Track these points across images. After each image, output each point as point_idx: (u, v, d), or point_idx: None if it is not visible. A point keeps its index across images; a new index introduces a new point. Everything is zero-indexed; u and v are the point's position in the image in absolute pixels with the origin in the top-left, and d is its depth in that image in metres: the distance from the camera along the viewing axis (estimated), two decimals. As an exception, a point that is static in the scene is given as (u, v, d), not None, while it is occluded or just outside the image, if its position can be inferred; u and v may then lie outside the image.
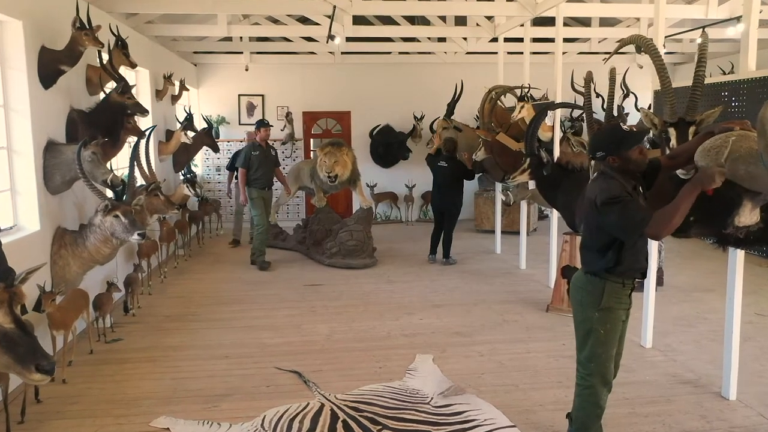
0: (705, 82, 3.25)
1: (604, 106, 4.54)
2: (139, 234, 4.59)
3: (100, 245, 4.62)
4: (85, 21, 4.62)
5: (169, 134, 8.18)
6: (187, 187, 7.96)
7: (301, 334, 5.12)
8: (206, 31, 8.06)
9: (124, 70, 7.01)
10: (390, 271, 7.32)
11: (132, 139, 5.73)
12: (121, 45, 5.46)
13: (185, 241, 8.21)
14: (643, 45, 3.31)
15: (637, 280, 2.94)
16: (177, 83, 8.69)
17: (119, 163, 6.13)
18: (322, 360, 4.53)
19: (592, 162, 4.02)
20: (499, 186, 8.16)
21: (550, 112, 5.96)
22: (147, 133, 5.76)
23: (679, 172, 3.13)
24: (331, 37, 7.23)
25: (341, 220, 8.03)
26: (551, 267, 6.45)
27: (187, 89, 8.83)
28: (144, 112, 5.22)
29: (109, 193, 4.67)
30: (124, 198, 4.64)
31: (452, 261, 7.65)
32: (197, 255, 8.43)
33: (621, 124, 4.85)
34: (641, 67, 11.11)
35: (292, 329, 5.25)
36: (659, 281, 6.30)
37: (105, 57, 5.08)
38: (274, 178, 7.82)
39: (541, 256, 7.70)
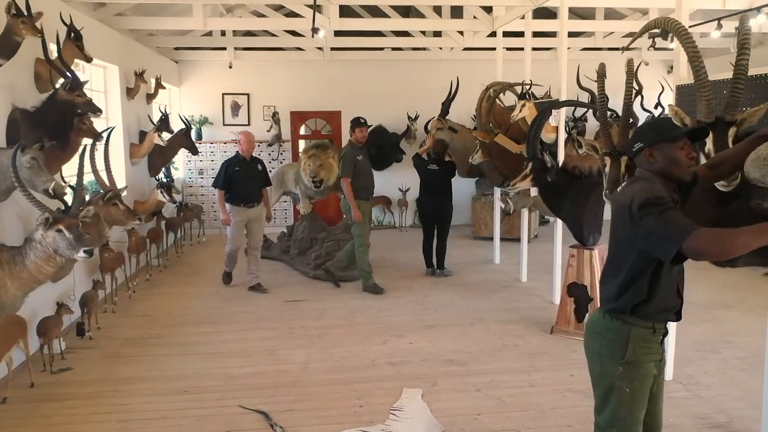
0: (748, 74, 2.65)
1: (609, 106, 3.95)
2: (85, 251, 3.99)
3: (41, 264, 4.01)
4: (23, 7, 4.03)
5: (143, 136, 7.59)
6: (162, 192, 7.38)
7: (274, 362, 4.53)
8: (182, 24, 7.48)
9: (90, 67, 6.51)
10: (379, 284, 6.72)
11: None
12: (74, 36, 4.87)
13: (159, 252, 7.62)
14: (672, 28, 2.73)
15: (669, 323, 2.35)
16: (153, 81, 8.11)
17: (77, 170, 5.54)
18: (295, 396, 3.94)
19: (607, 166, 3.43)
20: (497, 191, 7.57)
21: (554, 111, 5.38)
22: (105, 135, 5.16)
23: (719, 184, 2.55)
24: (315, 30, 6.64)
25: (328, 229, 7.43)
26: (555, 281, 5.87)
27: (164, 87, 8.24)
28: (96, 111, 4.63)
29: (60, 204, 4.09)
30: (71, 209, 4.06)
31: (447, 272, 7.07)
32: (174, 265, 7.84)
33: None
34: (647, 64, 10.54)
35: (264, 356, 4.66)
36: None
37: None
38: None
39: (543, 267, 7.12)
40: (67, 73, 4.48)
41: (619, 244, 2.25)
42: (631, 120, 4.01)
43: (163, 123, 7.65)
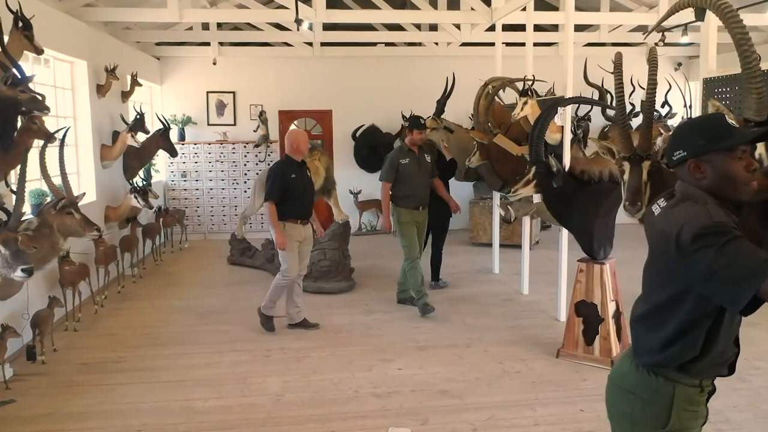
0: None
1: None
2: (23, 270, 3.52)
3: (-24, 283, 3.52)
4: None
5: (117, 136, 7.06)
6: (136, 197, 6.87)
7: (244, 393, 4.00)
8: (155, 16, 6.94)
9: (56, 62, 5.98)
10: (369, 297, 6.21)
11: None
12: (22, 26, 4.34)
13: (134, 261, 7.09)
14: (714, 6, 2.20)
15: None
16: (129, 78, 7.59)
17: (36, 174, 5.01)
18: (264, 437, 3.43)
19: (626, 172, 2.91)
20: (496, 196, 7.06)
21: (560, 109, 4.86)
22: (60, 135, 4.63)
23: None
24: (298, 21, 6.12)
25: (315, 237, 6.89)
26: (560, 295, 5.36)
27: (140, 84, 7.70)
28: (43, 109, 4.11)
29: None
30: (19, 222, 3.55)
31: (442, 284, 6.55)
32: (151, 275, 7.31)
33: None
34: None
35: (234, 385, 4.13)
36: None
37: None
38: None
39: (546, 277, 6.61)
40: (13, 66, 3.96)
41: (661, 284, 1.72)
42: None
43: (138, 123, 7.14)
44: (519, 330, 5.17)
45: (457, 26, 8.27)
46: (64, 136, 4.64)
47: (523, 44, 6.48)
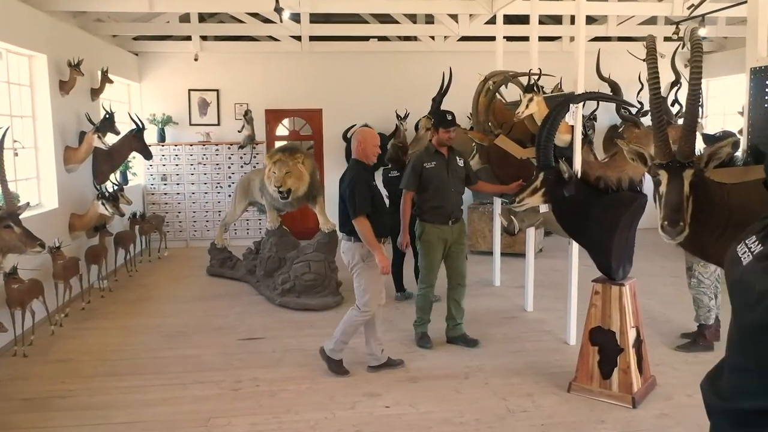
0: None
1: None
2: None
3: None
4: None
5: (83, 138, 6.47)
6: (103, 204, 6.29)
7: (204, 440, 3.43)
8: (122, 6, 6.36)
9: (9, 55, 5.39)
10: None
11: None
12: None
13: (103, 273, 6.50)
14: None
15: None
16: (99, 74, 7.00)
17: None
18: (221, 501, 2.85)
19: (663, 183, 2.34)
20: (497, 202, 6.48)
21: (572, 107, 4.27)
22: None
23: None
24: (278, 9, 5.54)
25: (298, 246, 6.32)
26: (570, 314, 4.78)
27: (111, 81, 7.11)
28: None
29: None
30: None
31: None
32: (122, 288, 6.73)
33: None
34: (662, 56, 9.44)
35: (193, 429, 3.54)
36: (716, 335, 4.65)
37: None
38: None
39: (552, 291, 6.07)
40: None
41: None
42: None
43: (107, 123, 6.56)
44: (524, 355, 4.59)
45: (455, 18, 7.70)
46: (3, 138, 4.06)
47: (525, 39, 5.90)
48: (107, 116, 6.58)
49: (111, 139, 6.74)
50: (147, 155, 7.17)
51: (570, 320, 4.80)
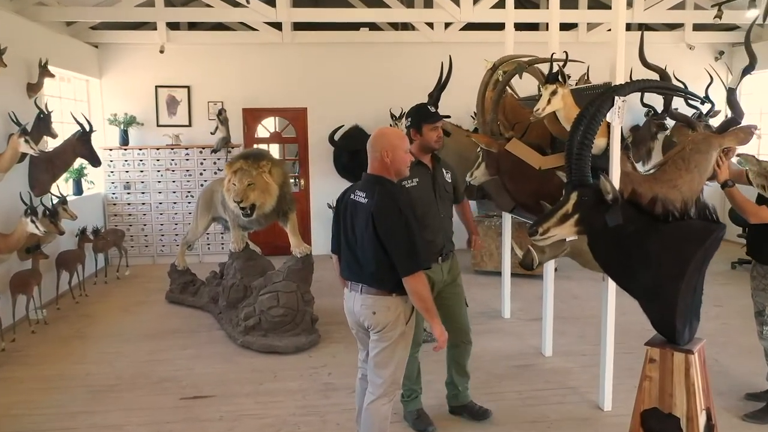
0: None
1: None
2: None
3: None
4: None
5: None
6: (33, 221, 5.22)
7: None
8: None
9: None
10: (334, 361, 4.54)
11: None
12: None
13: (34, 304, 5.44)
14: None
15: None
16: (38, 67, 5.95)
17: None
18: None
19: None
20: (507, 217, 5.41)
21: (618, 100, 3.15)
22: None
23: None
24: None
25: (266, 273, 5.24)
26: (605, 375, 3.68)
27: (52, 75, 6.06)
28: None
29: None
30: None
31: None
32: (61, 320, 5.68)
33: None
34: (692, 48, 8.39)
35: None
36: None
37: None
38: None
39: (573, 326, 5.05)
40: None
41: None
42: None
43: (41, 124, 5.52)
44: (544, 427, 3.50)
45: (456, 2, 6.62)
46: None
47: (536, 27, 4.80)
48: (41, 116, 5.53)
49: (51, 143, 5.70)
50: (94, 161, 6.11)
51: (605, 378, 3.71)
